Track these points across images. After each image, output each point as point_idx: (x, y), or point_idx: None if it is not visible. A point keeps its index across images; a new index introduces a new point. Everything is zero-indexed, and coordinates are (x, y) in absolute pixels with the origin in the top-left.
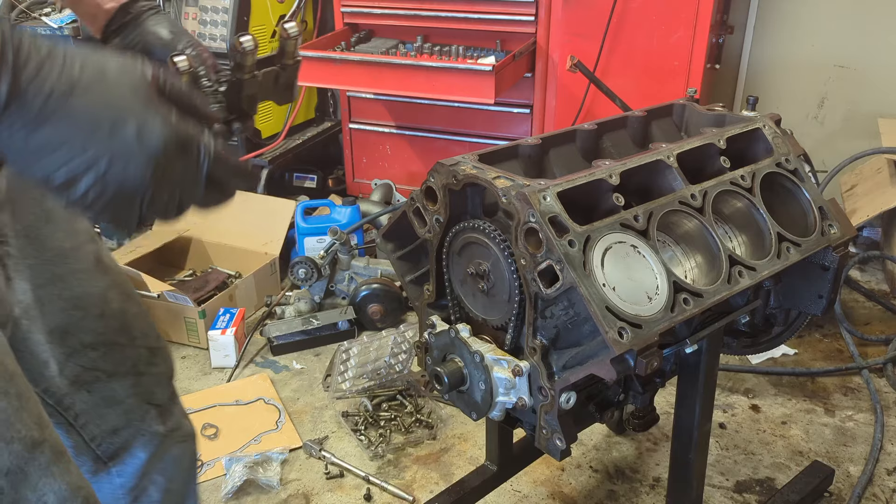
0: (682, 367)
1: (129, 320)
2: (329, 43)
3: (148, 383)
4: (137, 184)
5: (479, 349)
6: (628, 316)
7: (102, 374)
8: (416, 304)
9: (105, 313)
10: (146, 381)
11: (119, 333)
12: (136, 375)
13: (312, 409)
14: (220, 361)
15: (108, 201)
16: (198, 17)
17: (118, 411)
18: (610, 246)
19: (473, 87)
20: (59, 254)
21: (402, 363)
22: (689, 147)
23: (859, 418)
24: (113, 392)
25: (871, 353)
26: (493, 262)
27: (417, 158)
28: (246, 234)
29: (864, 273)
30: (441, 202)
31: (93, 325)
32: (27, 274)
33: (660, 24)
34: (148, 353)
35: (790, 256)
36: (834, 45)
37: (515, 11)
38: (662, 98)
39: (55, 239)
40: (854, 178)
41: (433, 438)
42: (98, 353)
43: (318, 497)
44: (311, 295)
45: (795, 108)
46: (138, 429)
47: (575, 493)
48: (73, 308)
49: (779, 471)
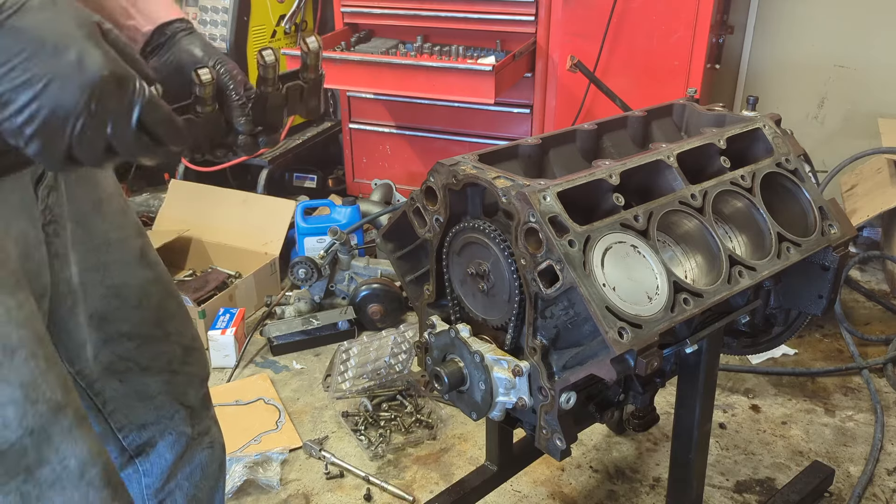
0: (682, 367)
1: (165, 316)
2: (329, 43)
3: (181, 382)
4: (71, 108)
5: (479, 349)
6: (628, 316)
7: (135, 365)
8: (416, 304)
9: (142, 305)
10: (179, 381)
11: (154, 327)
12: (170, 373)
13: (312, 409)
14: (220, 361)
15: (39, 124)
16: (198, 17)
17: (149, 406)
18: (610, 246)
19: (473, 87)
20: (106, 242)
21: (402, 363)
22: (689, 147)
23: (859, 418)
24: (145, 386)
25: (871, 353)
26: (493, 262)
27: (417, 158)
28: (246, 234)
29: (864, 273)
30: (441, 202)
31: (130, 315)
32: (75, 257)
33: (660, 24)
34: (182, 351)
35: (790, 256)
36: (834, 45)
37: (515, 11)
38: (662, 98)
39: (103, 229)
40: (854, 178)
41: (433, 438)
42: (133, 344)
43: (318, 497)
44: (311, 295)
45: (795, 108)
46: (167, 427)
47: (575, 493)
48: (114, 296)
49: (779, 471)
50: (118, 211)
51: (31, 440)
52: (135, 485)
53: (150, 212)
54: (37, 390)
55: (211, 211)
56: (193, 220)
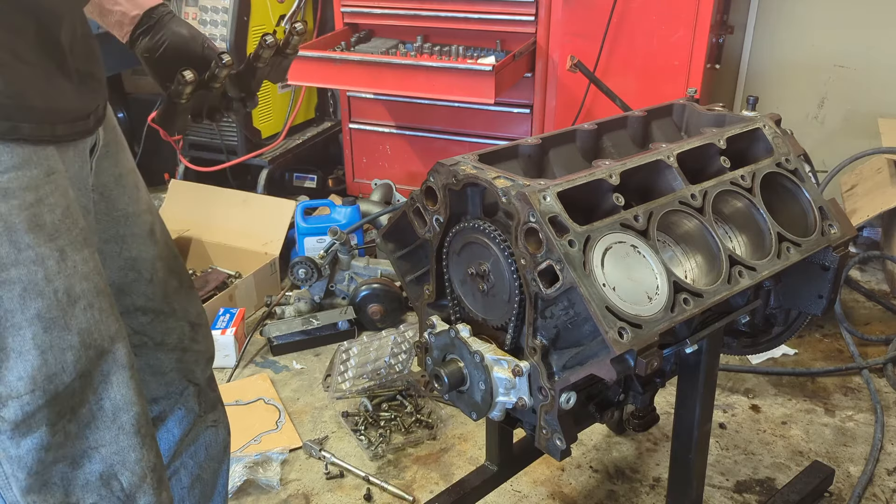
0: (682, 367)
1: (170, 291)
2: (329, 43)
3: (189, 360)
4: None
5: (479, 349)
6: (628, 316)
7: (150, 340)
8: (416, 304)
9: (154, 280)
10: (188, 358)
11: (163, 302)
12: (181, 350)
13: (312, 409)
14: (220, 361)
15: None
16: (197, 17)
17: (160, 381)
18: (610, 246)
19: (473, 87)
20: (124, 215)
21: (402, 363)
22: (689, 147)
23: (859, 418)
24: (159, 362)
25: (871, 353)
26: (493, 262)
27: (417, 158)
28: (246, 234)
29: (864, 273)
30: (441, 202)
31: (144, 289)
32: (97, 227)
33: (660, 24)
34: (190, 328)
35: (790, 256)
36: (834, 45)
37: (515, 11)
38: (662, 98)
39: (122, 201)
40: (854, 178)
41: (433, 438)
42: (147, 319)
43: (318, 497)
44: (311, 295)
45: (795, 108)
46: (176, 401)
47: (575, 493)
48: (130, 269)
49: (779, 471)
50: (133, 186)
51: (79, 383)
52: None
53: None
54: (90, 337)
55: (211, 211)
56: (193, 220)
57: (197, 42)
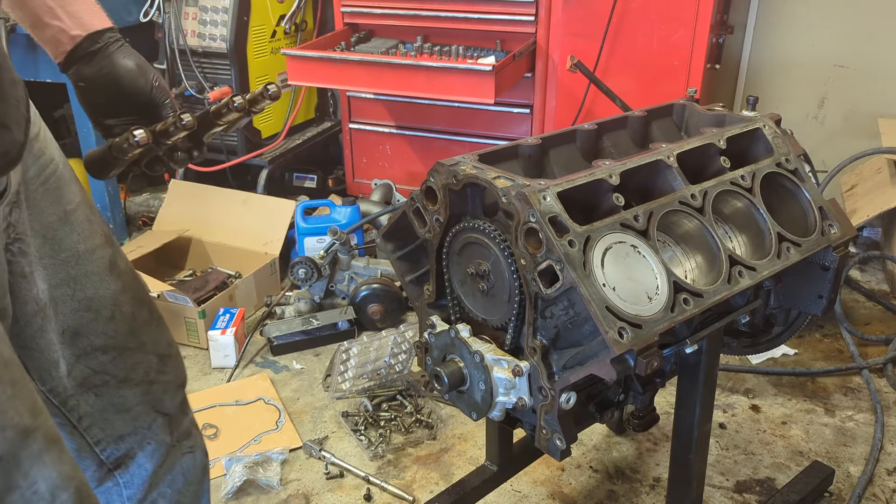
0: (682, 367)
1: (138, 325)
2: (329, 43)
3: (157, 391)
4: None
5: (479, 349)
6: (628, 316)
7: (112, 378)
8: (416, 304)
9: (115, 317)
10: (156, 390)
11: (128, 338)
12: (147, 384)
13: (312, 409)
14: (220, 361)
15: None
16: (198, 17)
17: (125, 418)
18: (610, 246)
19: (473, 87)
20: (74, 255)
21: (402, 363)
22: (689, 147)
23: (859, 418)
24: (123, 399)
25: (871, 353)
26: (493, 262)
27: (417, 158)
28: (246, 234)
29: (864, 273)
30: (441, 202)
31: (103, 328)
32: (43, 273)
33: (660, 24)
34: (158, 360)
35: (790, 256)
36: (834, 45)
37: (515, 11)
38: (662, 98)
39: (71, 241)
40: (854, 178)
41: (433, 438)
42: (108, 357)
43: (318, 497)
44: (311, 295)
45: (795, 108)
46: (144, 437)
47: (575, 493)
48: (85, 310)
49: (779, 471)
50: (85, 221)
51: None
52: (115, 497)
53: (150, 212)
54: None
55: (211, 211)
56: (193, 220)
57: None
